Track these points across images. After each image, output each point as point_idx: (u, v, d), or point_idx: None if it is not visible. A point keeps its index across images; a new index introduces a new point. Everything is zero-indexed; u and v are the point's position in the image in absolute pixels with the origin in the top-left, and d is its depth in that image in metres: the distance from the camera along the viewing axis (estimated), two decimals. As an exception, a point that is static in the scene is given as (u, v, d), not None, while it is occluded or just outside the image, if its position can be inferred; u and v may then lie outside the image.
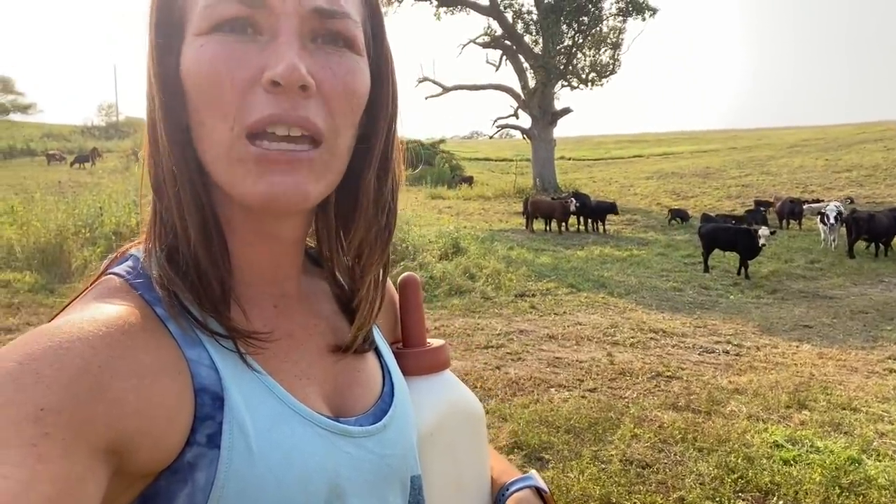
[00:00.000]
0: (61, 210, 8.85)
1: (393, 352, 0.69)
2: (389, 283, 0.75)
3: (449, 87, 27.04)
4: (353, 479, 0.54)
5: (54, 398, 0.39)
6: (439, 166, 27.89)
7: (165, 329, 0.48)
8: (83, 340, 0.42)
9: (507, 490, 0.71)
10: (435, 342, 0.72)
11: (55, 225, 8.20)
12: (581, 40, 23.96)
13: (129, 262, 0.53)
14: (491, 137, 34.62)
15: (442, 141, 38.18)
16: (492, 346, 5.93)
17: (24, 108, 43.60)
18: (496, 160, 37.09)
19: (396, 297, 0.74)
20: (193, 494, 0.45)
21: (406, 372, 0.68)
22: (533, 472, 0.74)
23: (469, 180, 25.31)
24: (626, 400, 4.56)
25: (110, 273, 0.52)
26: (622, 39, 24.52)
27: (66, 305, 0.49)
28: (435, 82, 26.84)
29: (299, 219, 0.58)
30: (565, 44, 23.92)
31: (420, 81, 26.68)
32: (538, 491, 0.71)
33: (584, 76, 24.81)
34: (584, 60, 24.82)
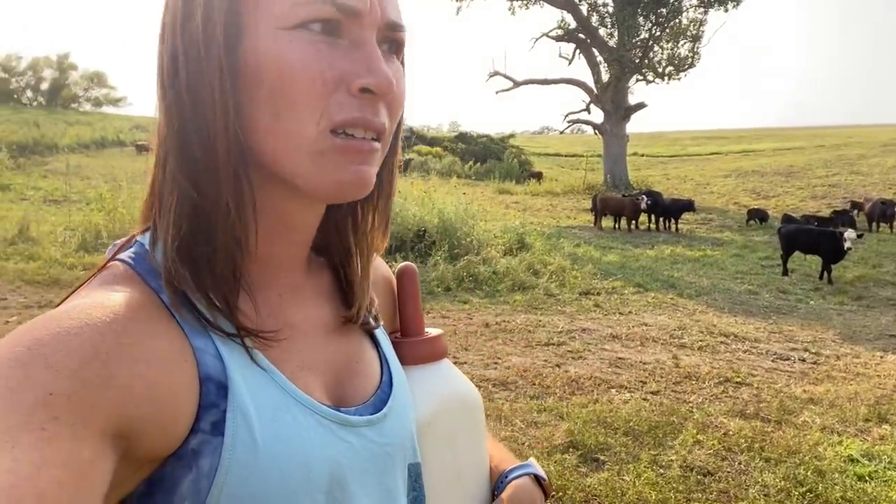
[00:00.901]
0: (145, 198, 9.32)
1: (391, 342, 0.69)
2: (389, 271, 0.76)
3: (520, 82, 26.82)
4: (353, 468, 0.55)
5: (63, 383, 0.40)
6: (508, 161, 27.73)
7: (172, 317, 0.48)
8: (91, 326, 0.43)
9: (506, 477, 0.71)
10: (432, 331, 0.72)
11: (139, 212, 8.65)
12: (658, 33, 23.22)
13: (134, 249, 0.53)
14: (561, 132, 34.18)
15: (511, 136, 37.94)
16: (553, 344, 5.86)
17: (116, 101, 46.19)
18: (566, 156, 36.55)
19: (395, 286, 0.74)
20: (197, 480, 0.46)
21: (404, 361, 0.68)
22: (531, 459, 0.75)
23: (538, 176, 25.05)
24: (691, 405, 4.42)
25: (116, 260, 0.52)
26: (703, 31, 23.61)
27: (73, 291, 0.50)
28: (506, 76, 26.68)
29: (322, 208, 0.60)
30: (642, 36, 23.25)
31: (491, 76, 26.59)
32: (537, 478, 0.72)
33: (660, 70, 24.06)
34: (662, 53, 24.07)
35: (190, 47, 0.50)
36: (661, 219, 15.03)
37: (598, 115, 24.74)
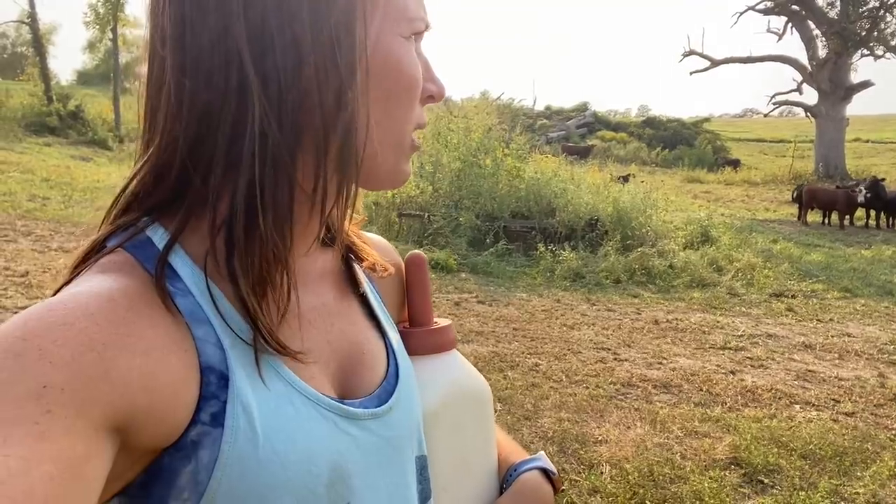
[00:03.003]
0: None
1: (399, 331, 0.68)
2: (399, 259, 0.74)
3: (718, 61, 24.79)
4: (356, 461, 0.54)
5: (57, 375, 0.39)
6: (700, 147, 25.83)
7: (173, 304, 0.47)
8: (87, 316, 0.42)
9: (516, 471, 0.70)
10: (441, 321, 0.70)
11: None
12: (892, 0, 19.99)
13: (128, 234, 0.51)
14: (765, 115, 31.05)
15: (706, 120, 35.28)
16: (729, 348, 5.35)
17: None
18: (770, 141, 33.08)
19: (404, 275, 0.72)
20: (197, 472, 0.46)
21: (412, 352, 0.67)
22: (541, 453, 0.73)
23: (735, 163, 23.05)
24: (893, 432, 3.77)
25: (114, 247, 0.50)
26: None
27: (69, 280, 0.49)
28: (702, 55, 24.77)
29: None
30: (870, 5, 20.20)
31: (685, 55, 24.86)
32: (546, 472, 0.70)
33: (894, 43, 20.73)
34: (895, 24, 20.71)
35: (324, 36, 0.48)
36: (882, 214, 12.99)
37: (811, 96, 22.10)
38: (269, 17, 0.46)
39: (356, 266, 0.65)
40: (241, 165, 0.47)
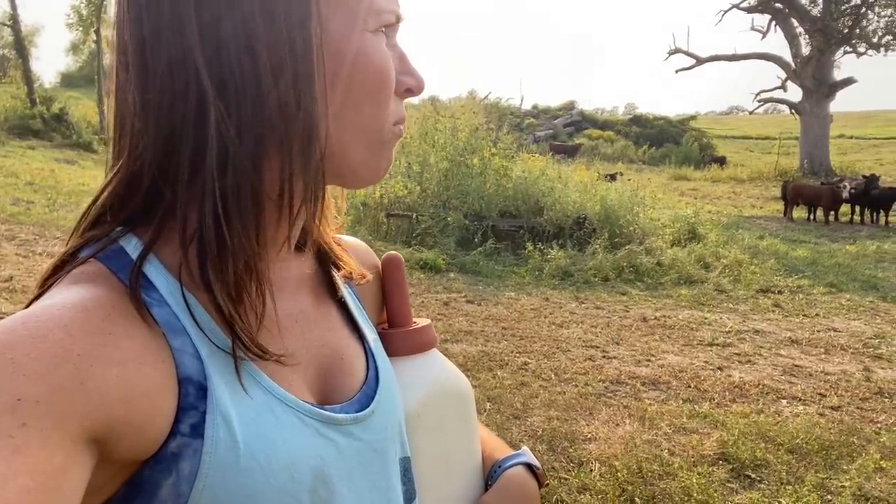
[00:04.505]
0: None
1: (378, 333, 0.68)
2: (377, 260, 0.73)
3: (703, 59, 24.94)
4: (339, 466, 0.53)
5: (32, 388, 0.38)
6: (687, 145, 25.99)
7: (149, 315, 0.46)
8: (61, 328, 0.41)
9: (500, 467, 0.70)
10: (420, 321, 0.70)
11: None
12: (874, -3, 20.22)
13: (102, 245, 0.49)
14: (751, 113, 31.24)
15: (692, 118, 35.51)
16: (717, 344, 5.39)
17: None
18: (756, 138, 33.33)
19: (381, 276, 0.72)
20: (178, 484, 0.45)
21: (392, 353, 0.66)
22: (525, 448, 0.73)
23: (721, 161, 23.22)
24: (878, 425, 3.81)
25: (86, 258, 0.49)
26: (934, -8, 20.13)
27: (43, 292, 0.48)
28: (687, 53, 24.91)
29: None
30: (852, 3, 20.40)
31: (671, 53, 25.00)
32: (530, 468, 0.71)
33: (875, 40, 20.96)
34: (877, 21, 20.93)
35: (280, 35, 0.47)
36: (866, 210, 13.14)
37: (795, 93, 22.27)
38: (223, 22, 0.46)
39: (334, 271, 0.64)
40: (204, 175, 0.46)
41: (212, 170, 0.46)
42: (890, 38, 20.93)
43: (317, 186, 0.51)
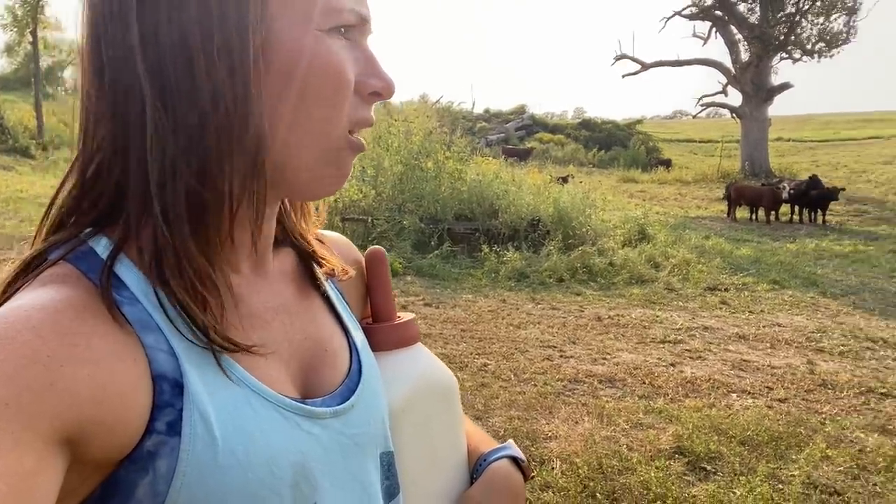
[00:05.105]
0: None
1: (362, 328, 0.68)
2: (359, 255, 0.74)
3: (648, 64, 25.60)
4: (320, 460, 0.53)
5: (1, 390, 0.38)
6: (634, 148, 26.63)
7: (120, 314, 0.46)
8: (30, 329, 0.41)
9: (485, 460, 0.70)
10: (404, 316, 0.70)
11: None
12: (807, 6, 21.16)
13: (71, 246, 0.49)
14: (694, 117, 32.27)
15: (639, 121, 36.40)
16: (669, 342, 5.53)
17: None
18: (700, 142, 34.39)
19: (364, 271, 0.72)
20: (155, 483, 0.45)
21: (376, 347, 0.66)
22: (510, 441, 0.73)
23: (667, 163, 23.84)
24: (823, 416, 3.98)
25: (56, 259, 0.48)
26: (860, 3, 21.21)
27: (10, 294, 0.47)
28: (633, 59, 25.56)
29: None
30: (787, 11, 21.32)
31: (617, 59, 25.59)
32: (516, 461, 0.71)
33: (809, 47, 21.95)
34: (811, 29, 21.93)
35: (214, 38, 0.47)
36: (805, 210, 13.71)
37: (736, 98, 23.08)
38: (161, 25, 0.46)
39: (316, 267, 0.64)
40: (149, 178, 0.47)
41: (153, 172, 0.47)
42: (822, 44, 21.94)
43: (258, 187, 0.50)
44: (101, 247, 0.48)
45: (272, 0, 0.48)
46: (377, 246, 0.72)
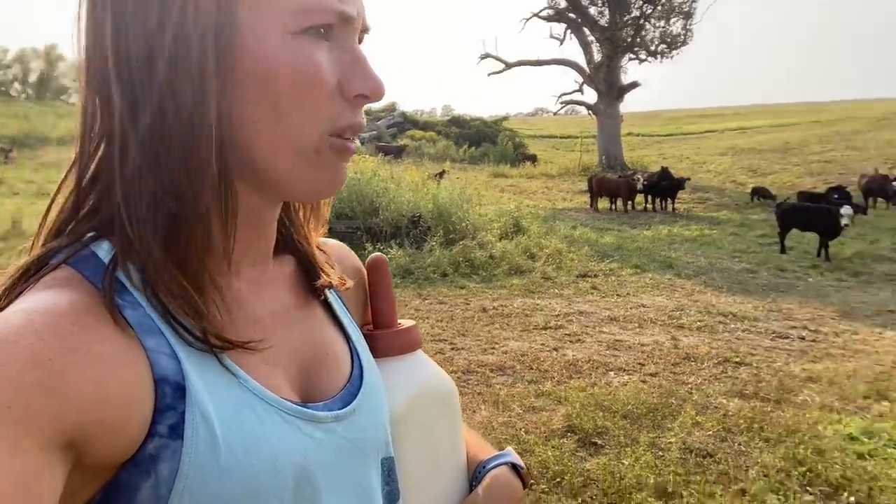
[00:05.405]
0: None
1: (363, 334, 0.68)
2: (359, 262, 0.75)
3: (511, 63, 26.64)
4: (322, 464, 0.54)
5: (3, 394, 0.38)
6: (502, 144, 27.61)
7: (122, 317, 0.46)
8: (32, 332, 0.41)
9: (485, 467, 0.71)
10: (405, 322, 0.71)
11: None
12: (650, 10, 23.02)
13: (73, 250, 0.50)
14: (555, 114, 34.01)
15: (505, 118, 37.77)
16: (550, 327, 5.84)
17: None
18: (561, 137, 36.38)
19: (366, 278, 0.73)
20: (157, 486, 0.45)
21: (377, 354, 0.67)
22: (509, 448, 0.75)
23: (532, 158, 24.94)
24: (690, 386, 4.40)
25: (58, 263, 0.49)
26: (694, 8, 23.41)
27: (12, 299, 0.47)
28: (497, 58, 26.49)
29: (281, 203, 0.60)
30: (633, 14, 23.06)
31: (482, 58, 26.39)
32: (514, 467, 0.72)
33: (653, 48, 23.88)
34: (654, 31, 23.88)
35: (175, 44, 0.47)
36: (657, 199, 14.96)
37: (591, 96, 24.62)
38: (130, 29, 0.47)
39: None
40: (133, 191, 0.48)
41: (120, 180, 0.48)
42: (664, 46, 23.96)
43: (226, 194, 0.50)
44: (103, 251, 0.49)
45: (241, 4, 0.48)
46: (378, 253, 0.73)
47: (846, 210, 9.37)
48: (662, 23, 23.89)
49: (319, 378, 0.59)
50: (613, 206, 14.96)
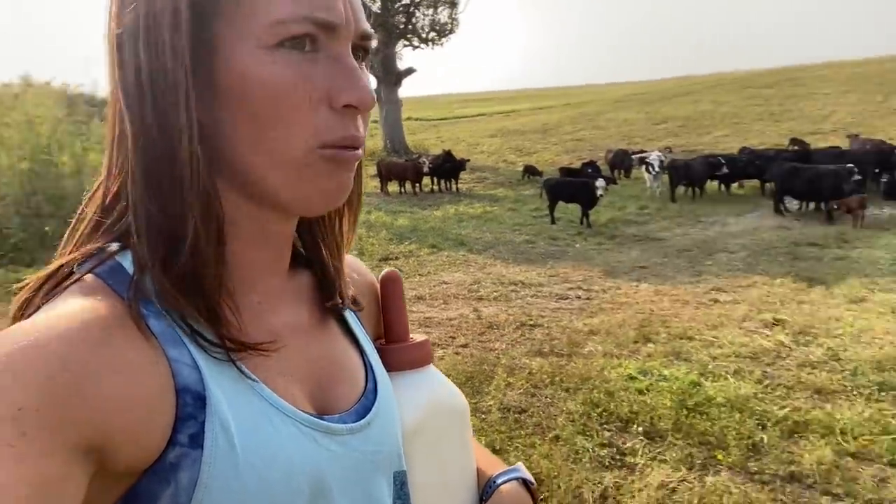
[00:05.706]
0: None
1: (376, 348, 0.69)
2: (373, 277, 0.76)
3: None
4: (337, 476, 0.55)
5: (31, 397, 0.39)
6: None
7: (146, 327, 0.47)
8: (61, 338, 0.42)
9: (494, 482, 0.70)
10: (418, 337, 0.72)
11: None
12: (420, -1, 23.93)
13: (98, 260, 0.51)
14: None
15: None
16: (362, 313, 5.95)
17: None
18: (342, 122, 36.28)
19: (379, 292, 0.74)
20: (176, 495, 0.45)
21: (389, 368, 0.68)
22: (519, 464, 0.74)
23: (317, 144, 24.59)
24: (497, 351, 4.83)
25: (84, 273, 0.49)
26: (459, -2, 24.80)
27: (40, 305, 0.48)
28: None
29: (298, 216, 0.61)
30: (403, 2, 23.77)
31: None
32: (525, 482, 0.71)
33: (424, 35, 24.88)
34: (424, 19, 24.85)
35: (155, 63, 0.48)
36: (442, 180, 15.79)
37: (371, 82, 24.92)
38: (125, 46, 0.50)
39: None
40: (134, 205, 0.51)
41: (129, 198, 0.50)
42: (434, 34, 25.09)
43: (212, 209, 0.50)
44: (129, 262, 0.50)
45: (218, 22, 0.49)
46: (392, 269, 0.74)
47: (600, 182, 10.82)
48: (431, 11, 24.96)
49: (334, 391, 0.60)
50: (403, 189, 15.46)
